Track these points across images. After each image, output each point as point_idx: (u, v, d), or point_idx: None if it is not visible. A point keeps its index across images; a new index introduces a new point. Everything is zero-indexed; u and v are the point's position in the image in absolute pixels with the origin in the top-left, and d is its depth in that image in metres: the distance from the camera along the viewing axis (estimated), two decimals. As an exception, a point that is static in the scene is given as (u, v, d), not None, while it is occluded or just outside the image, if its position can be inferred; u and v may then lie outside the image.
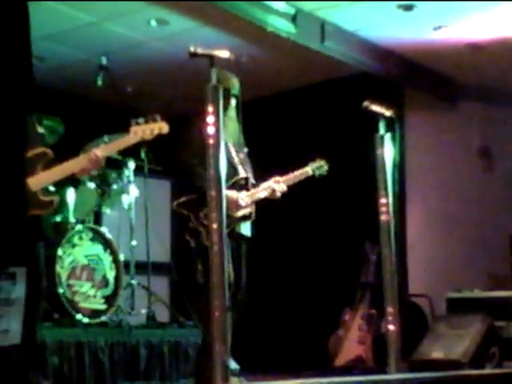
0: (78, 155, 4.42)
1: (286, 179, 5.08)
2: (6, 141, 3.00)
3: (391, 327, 4.66)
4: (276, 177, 5.03)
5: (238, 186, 4.87)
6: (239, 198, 4.80)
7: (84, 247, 5.90)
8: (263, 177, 5.05)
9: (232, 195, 4.73)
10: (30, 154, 4.19)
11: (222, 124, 4.02)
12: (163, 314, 6.82)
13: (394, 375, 4.49)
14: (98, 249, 5.99)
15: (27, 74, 3.12)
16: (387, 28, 6.85)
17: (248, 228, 4.92)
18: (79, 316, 5.65)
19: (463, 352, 6.15)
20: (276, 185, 4.99)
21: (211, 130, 3.78)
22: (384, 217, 4.79)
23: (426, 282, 7.72)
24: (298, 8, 6.49)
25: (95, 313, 5.81)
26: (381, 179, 4.83)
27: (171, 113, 4.70)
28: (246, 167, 4.99)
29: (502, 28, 6.75)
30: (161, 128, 4.42)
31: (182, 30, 6.85)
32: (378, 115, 4.90)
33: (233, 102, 4.94)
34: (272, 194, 5.00)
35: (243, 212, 4.84)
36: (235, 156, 4.93)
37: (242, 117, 5.05)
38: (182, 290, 6.75)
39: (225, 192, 4.51)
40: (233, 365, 4.50)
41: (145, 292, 6.55)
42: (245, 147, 5.06)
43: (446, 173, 7.93)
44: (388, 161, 4.87)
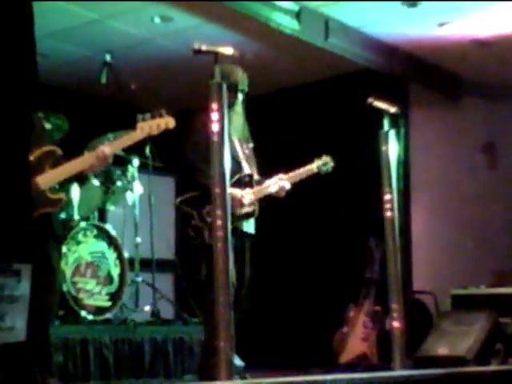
0: (83, 152, 4.43)
1: (291, 176, 5.06)
2: (11, 138, 3.00)
3: (396, 324, 4.66)
4: (280, 174, 5.02)
5: (242, 183, 4.85)
6: (243, 197, 4.78)
7: (88, 244, 5.91)
8: (268, 173, 5.04)
9: (236, 193, 4.71)
10: (39, 153, 4.20)
11: (228, 119, 4.02)
12: (167, 311, 6.83)
13: (399, 372, 4.50)
14: (103, 246, 6.00)
15: (32, 72, 3.12)
16: (391, 24, 6.84)
17: (251, 225, 4.91)
18: (84, 313, 5.66)
19: (468, 348, 6.14)
20: (281, 183, 4.97)
21: (215, 128, 3.78)
22: (388, 213, 4.80)
23: (431, 279, 7.72)
24: (302, 5, 6.49)
25: (100, 310, 5.82)
26: (385, 176, 4.83)
27: (175, 110, 4.68)
28: (251, 163, 4.97)
29: (507, 24, 6.73)
30: (167, 123, 4.42)
31: (186, 27, 6.84)
32: (383, 112, 4.91)
33: (240, 97, 4.91)
34: (277, 193, 4.99)
35: (246, 209, 4.82)
36: (240, 151, 4.91)
37: (246, 114, 5.04)
38: (187, 287, 6.75)
39: (229, 190, 4.53)
40: (237, 361, 4.50)
41: (149, 289, 6.56)
42: (250, 142, 5.04)
43: (451, 169, 7.92)
44: (392, 157, 4.87)
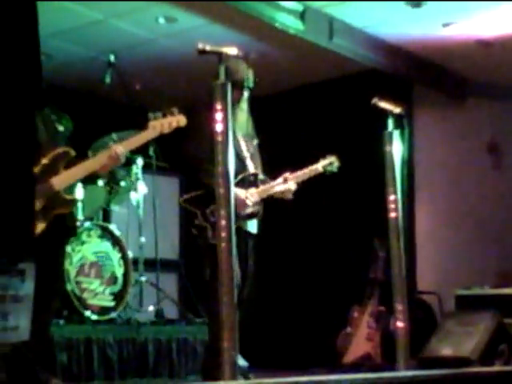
0: (87, 153, 4.43)
1: (296, 176, 5.04)
2: (15, 137, 3.00)
3: (400, 324, 4.66)
4: (285, 174, 5.00)
5: (247, 182, 4.84)
6: (247, 198, 4.76)
7: (93, 244, 5.91)
8: (272, 174, 5.03)
9: (240, 194, 4.70)
10: (53, 154, 4.21)
11: (234, 115, 4.01)
12: (171, 311, 6.84)
13: (403, 372, 4.49)
14: (107, 246, 6.00)
15: (36, 72, 3.12)
16: (396, 25, 6.83)
17: (254, 225, 4.90)
18: (88, 313, 5.66)
19: (472, 349, 6.14)
20: (286, 185, 4.94)
21: (220, 127, 3.77)
22: (393, 214, 4.79)
23: (435, 279, 7.71)
24: (306, 5, 6.49)
25: (104, 310, 5.82)
26: (389, 176, 4.83)
27: (179, 110, 4.68)
28: (255, 161, 4.95)
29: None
30: (179, 121, 4.44)
31: (191, 27, 6.84)
32: (387, 112, 4.90)
33: (246, 94, 4.90)
34: (283, 195, 4.98)
35: (251, 210, 4.80)
36: (244, 149, 4.89)
37: (252, 112, 5.03)
38: (191, 287, 6.75)
39: (233, 190, 4.52)
40: (241, 361, 4.49)
41: (153, 289, 6.57)
42: (255, 139, 5.02)
43: (455, 169, 7.91)
44: (396, 158, 4.86)
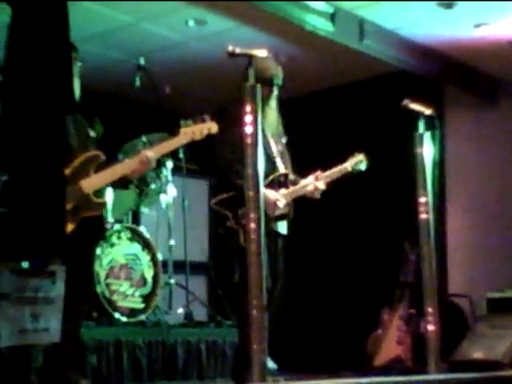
0: (117, 155, 4.46)
1: (326, 176, 5.02)
2: (47, 141, 3.01)
3: (431, 327, 4.63)
4: (316, 172, 4.98)
5: (277, 183, 4.82)
6: (278, 200, 4.75)
7: (122, 246, 5.93)
8: (301, 175, 5.02)
9: (271, 196, 4.69)
10: (83, 157, 4.25)
11: (263, 113, 4.01)
12: (201, 314, 6.84)
13: (434, 375, 4.46)
14: (137, 248, 6.01)
15: (66, 75, 3.13)
16: (427, 26, 6.79)
17: (284, 225, 4.88)
18: (117, 315, 5.68)
19: (504, 352, 6.08)
20: (317, 183, 4.93)
21: (249, 130, 3.77)
22: (424, 216, 4.76)
23: (467, 282, 7.65)
24: (337, 6, 6.46)
25: (133, 312, 5.84)
26: (420, 178, 4.80)
27: (210, 112, 4.69)
28: (285, 160, 4.92)
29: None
30: (210, 128, 4.47)
31: (221, 30, 6.85)
32: (418, 113, 4.87)
33: (275, 92, 4.90)
34: (311, 193, 4.96)
35: (281, 211, 4.79)
36: (274, 149, 4.86)
37: (281, 116, 5.02)
38: (220, 290, 6.75)
39: (264, 191, 4.51)
40: (270, 364, 4.48)
41: (182, 291, 6.58)
42: (284, 137, 5.00)
43: (487, 171, 7.85)
44: (427, 159, 4.83)
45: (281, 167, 4.87)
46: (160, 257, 6.12)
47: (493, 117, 7.91)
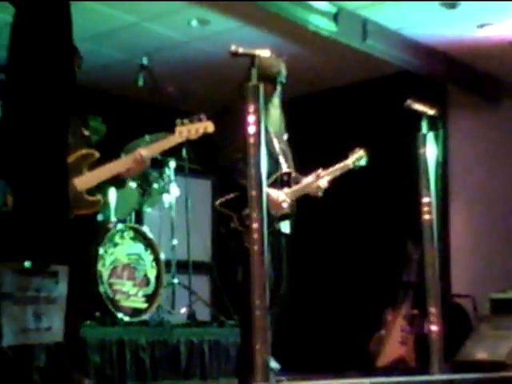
0: (120, 155, 4.45)
1: (328, 173, 5.01)
2: (49, 140, 3.01)
3: (434, 327, 4.62)
4: (318, 171, 4.97)
5: (280, 182, 4.81)
6: (284, 201, 4.74)
7: (125, 246, 5.92)
8: (304, 174, 5.01)
9: (276, 196, 4.68)
10: (76, 155, 4.24)
11: (267, 111, 4.00)
12: (204, 313, 6.83)
13: (437, 376, 4.46)
14: (139, 248, 6.01)
15: (69, 75, 3.14)
16: (430, 26, 6.79)
17: (287, 225, 4.88)
18: (120, 314, 5.67)
19: (507, 353, 6.09)
20: (319, 181, 4.93)
21: (252, 129, 3.77)
22: (427, 216, 4.76)
23: (470, 282, 7.65)
24: (340, 6, 6.46)
25: (136, 311, 5.83)
26: (423, 178, 4.80)
27: (212, 112, 4.69)
28: (287, 158, 4.92)
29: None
30: (206, 127, 4.45)
31: (223, 30, 6.85)
32: (421, 114, 4.87)
33: (279, 89, 4.89)
34: (314, 192, 4.95)
35: (285, 211, 4.78)
36: (277, 147, 4.86)
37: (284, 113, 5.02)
38: (223, 290, 6.75)
39: (268, 191, 4.51)
40: (273, 364, 4.48)
41: (185, 291, 6.57)
42: (285, 134, 4.99)
43: (490, 171, 7.84)
44: (431, 160, 4.83)
45: (284, 166, 4.86)
46: (163, 256, 6.12)
47: (496, 117, 7.90)
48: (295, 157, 5.01)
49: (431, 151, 4.84)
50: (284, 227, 4.84)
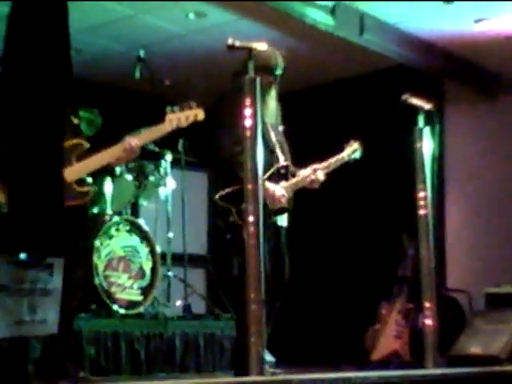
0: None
1: (324, 166, 5.02)
2: (46, 133, 3.01)
3: (429, 322, 4.63)
4: (314, 165, 4.97)
5: (278, 175, 4.80)
6: (284, 196, 4.73)
7: (121, 239, 5.92)
8: (298, 167, 5.00)
9: (276, 191, 4.67)
10: (66, 146, 4.20)
11: (263, 103, 3.99)
12: (199, 306, 6.85)
13: (431, 370, 4.47)
14: (135, 240, 6.01)
15: (66, 66, 3.13)
16: (428, 21, 6.78)
17: (284, 218, 4.87)
18: (116, 307, 5.68)
19: (502, 348, 6.10)
20: (317, 174, 4.93)
21: (248, 123, 3.77)
22: (422, 210, 4.76)
23: (465, 277, 7.66)
24: (337, 0, 6.45)
25: (132, 304, 5.84)
26: (419, 173, 4.80)
27: (209, 105, 4.68)
28: (285, 151, 4.91)
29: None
30: (196, 115, 4.40)
31: (220, 23, 6.84)
32: (418, 108, 4.87)
33: (276, 81, 4.88)
34: (310, 185, 4.95)
35: (282, 205, 4.77)
36: (274, 139, 4.85)
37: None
38: (218, 282, 6.75)
39: (267, 185, 4.52)
40: (268, 357, 4.48)
41: (181, 284, 6.58)
42: (280, 125, 4.98)
43: (487, 166, 7.84)
44: (427, 154, 4.83)
45: (281, 158, 4.85)
46: (159, 249, 6.12)
47: (492, 112, 7.90)
48: (291, 150, 5.01)
49: (427, 146, 4.84)
50: (281, 220, 4.84)
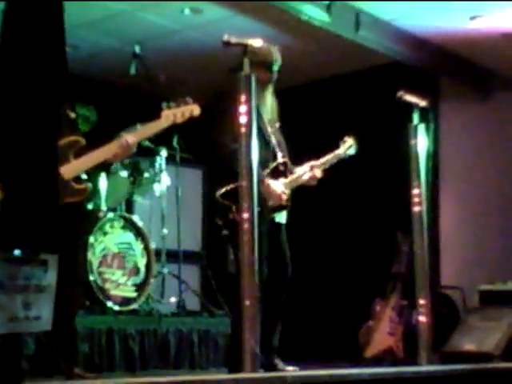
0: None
1: (321, 163, 5.02)
2: (40, 129, 3.01)
3: (422, 319, 4.64)
4: (311, 162, 4.98)
5: (276, 172, 4.80)
6: (284, 193, 4.73)
7: (115, 235, 5.92)
8: (294, 164, 5.00)
9: (276, 188, 4.68)
10: (63, 142, 4.20)
11: (261, 99, 3.98)
12: (193, 303, 6.84)
13: (425, 367, 4.47)
14: (130, 237, 6.00)
15: (61, 62, 3.12)
16: (423, 17, 6.78)
17: (283, 215, 4.86)
18: (110, 303, 5.67)
19: (495, 344, 6.11)
20: (314, 171, 4.93)
21: (244, 120, 3.77)
22: (417, 208, 4.77)
23: (459, 274, 7.67)
24: (333, -2, 6.47)
25: (126, 300, 5.83)
26: (414, 169, 4.80)
27: (205, 101, 4.67)
28: (282, 147, 4.90)
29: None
30: (192, 111, 4.40)
31: (216, 19, 6.83)
32: (413, 105, 4.87)
33: (274, 77, 4.88)
34: (308, 182, 4.96)
35: (283, 202, 4.77)
36: (272, 136, 4.84)
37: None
38: (212, 279, 6.75)
39: (268, 182, 4.52)
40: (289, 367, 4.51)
41: (175, 280, 6.57)
42: (277, 122, 4.98)
43: (481, 163, 7.85)
44: (421, 151, 4.83)
45: (279, 155, 4.85)
46: (153, 246, 6.12)
47: (487, 109, 7.91)
48: (287, 146, 5.01)
49: (422, 143, 4.84)
50: (279, 217, 4.84)
